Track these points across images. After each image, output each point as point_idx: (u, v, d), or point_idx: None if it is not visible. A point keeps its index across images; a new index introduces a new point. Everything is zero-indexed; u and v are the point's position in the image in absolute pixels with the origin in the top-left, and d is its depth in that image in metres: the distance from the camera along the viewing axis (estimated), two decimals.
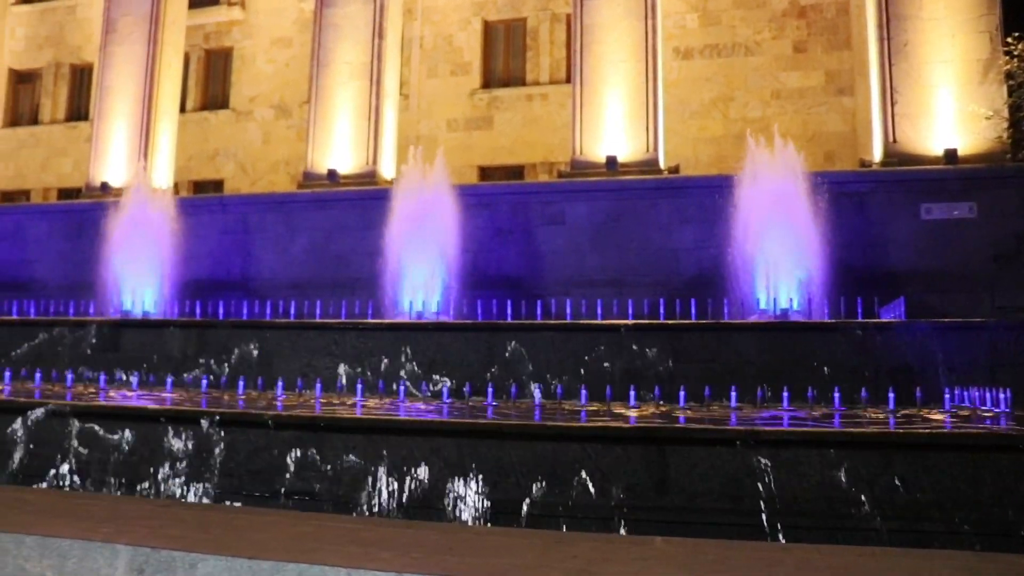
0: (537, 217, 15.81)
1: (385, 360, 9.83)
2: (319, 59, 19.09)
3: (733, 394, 8.15)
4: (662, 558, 4.27)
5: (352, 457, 5.91)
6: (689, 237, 15.02)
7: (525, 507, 5.87)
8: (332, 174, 17.84)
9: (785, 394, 8.17)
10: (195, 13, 25.17)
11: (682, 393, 8.43)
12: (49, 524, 4.16)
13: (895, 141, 15.49)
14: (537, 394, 8.41)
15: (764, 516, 5.59)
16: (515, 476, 6.07)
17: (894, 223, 14.29)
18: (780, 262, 12.02)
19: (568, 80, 21.18)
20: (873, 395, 8.35)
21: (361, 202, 16.45)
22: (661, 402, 8.83)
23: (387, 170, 18.36)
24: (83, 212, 19.06)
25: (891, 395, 7.89)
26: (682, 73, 22.06)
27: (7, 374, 9.99)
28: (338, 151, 18.21)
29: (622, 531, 5.53)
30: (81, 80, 30.00)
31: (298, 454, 5.95)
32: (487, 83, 24.47)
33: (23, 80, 30.86)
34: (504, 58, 24.72)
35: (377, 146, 18.17)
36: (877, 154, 15.90)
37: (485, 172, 23.60)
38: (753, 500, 5.74)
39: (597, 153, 16.73)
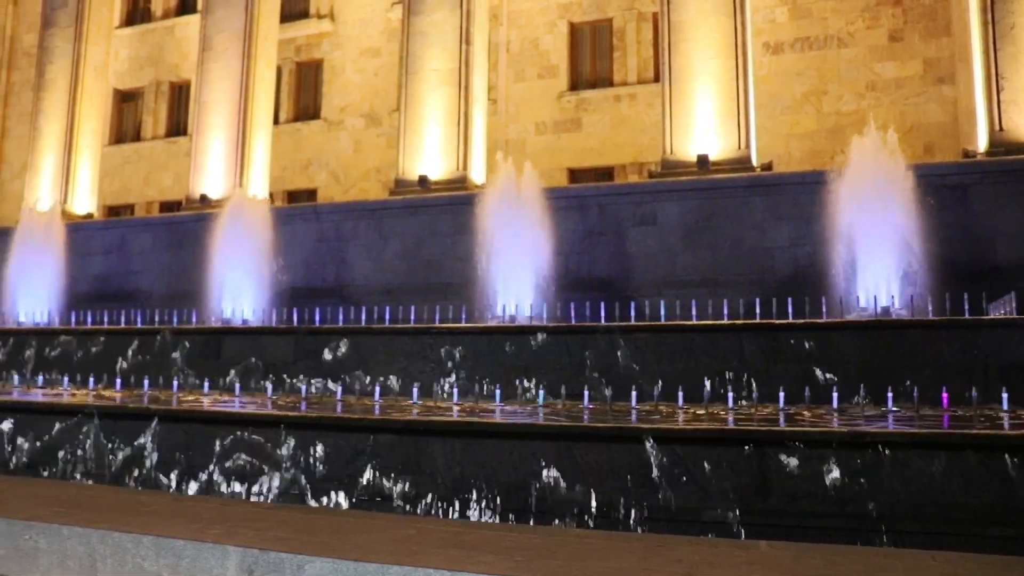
0: (628, 218, 15.68)
1: (480, 364, 9.86)
2: (407, 67, 19.31)
3: (835, 395, 7.94)
4: (767, 563, 4.18)
5: (454, 460, 5.95)
6: (784, 235, 14.72)
7: (624, 509, 5.83)
8: (423, 180, 18.01)
9: (889, 394, 7.92)
10: (286, 27, 25.75)
11: (781, 394, 8.25)
12: (164, 525, 4.28)
13: (1001, 129, 14.91)
14: (633, 396, 8.32)
15: (871, 520, 5.42)
16: (613, 478, 6.03)
17: (1001, 215, 13.72)
18: (880, 258, 11.67)
19: (656, 79, 20.99)
20: (983, 395, 8.02)
21: (452, 207, 16.57)
22: (759, 403, 8.66)
23: (477, 175, 18.46)
24: (183, 224, 19.68)
25: (1004, 395, 7.57)
26: (772, 68, 21.64)
27: (118, 381, 10.36)
28: (428, 157, 18.38)
29: (725, 535, 5.44)
30: (180, 97, 30.96)
31: (404, 456, 6.00)
32: (574, 85, 24.40)
33: (126, 99, 32.01)
34: (591, 59, 24.61)
35: (467, 151, 18.29)
36: (982, 144, 15.31)
37: (574, 174, 23.52)
38: (859, 503, 5.58)
39: (688, 152, 16.53)
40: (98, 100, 25.21)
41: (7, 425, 7.82)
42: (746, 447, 6.02)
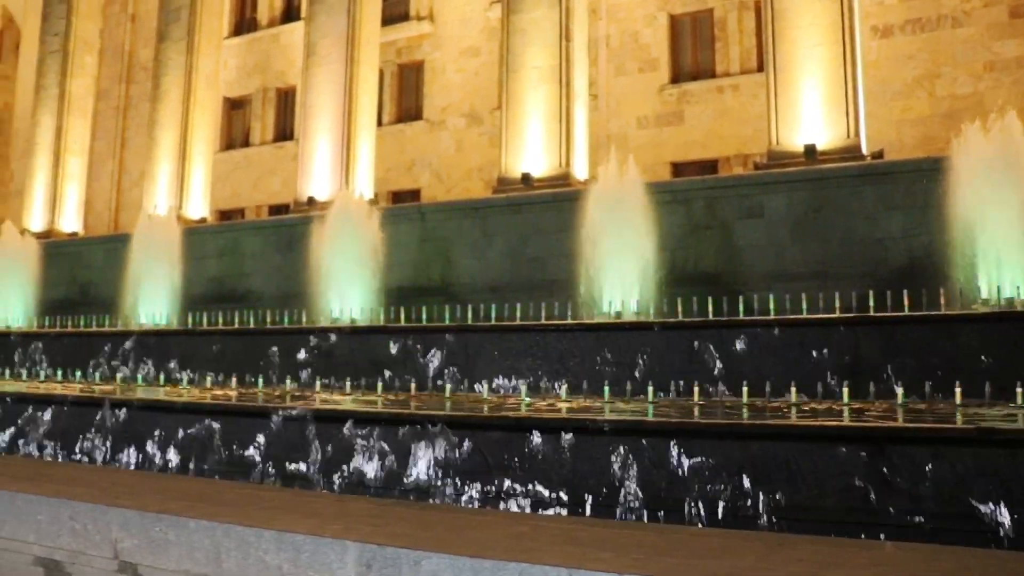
0: (733, 211, 15.40)
1: (586, 360, 9.82)
2: (508, 65, 19.37)
3: (957, 390, 7.62)
4: (895, 564, 4.03)
5: (567, 456, 5.93)
6: (897, 225, 14.23)
7: (745, 507, 5.72)
8: (526, 178, 18.05)
9: (1019, 389, 7.56)
10: (387, 30, 26.14)
11: (899, 389, 7.97)
12: (284, 520, 4.37)
13: None
14: (743, 391, 8.16)
15: (1005, 522, 5.18)
16: (725, 476, 5.92)
17: None
18: (1004, 247, 11.16)
19: (760, 69, 20.57)
20: None
21: (555, 204, 16.55)
22: (876, 399, 8.38)
23: (580, 171, 18.40)
24: (292, 226, 20.15)
25: None
26: (882, 52, 20.95)
27: (233, 380, 10.67)
28: (531, 155, 18.40)
29: (845, 535, 5.28)
30: (286, 102, 31.77)
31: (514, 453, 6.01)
32: (676, 78, 24.11)
33: (235, 107, 33.03)
34: (692, 51, 24.28)
35: (569, 148, 18.24)
36: None
37: (677, 168, 23.24)
38: (990, 504, 5.34)
39: (794, 142, 16.14)
40: (209, 109, 26.04)
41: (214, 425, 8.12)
42: (865, 444, 5.83)
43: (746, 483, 5.80)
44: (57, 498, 4.97)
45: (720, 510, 5.74)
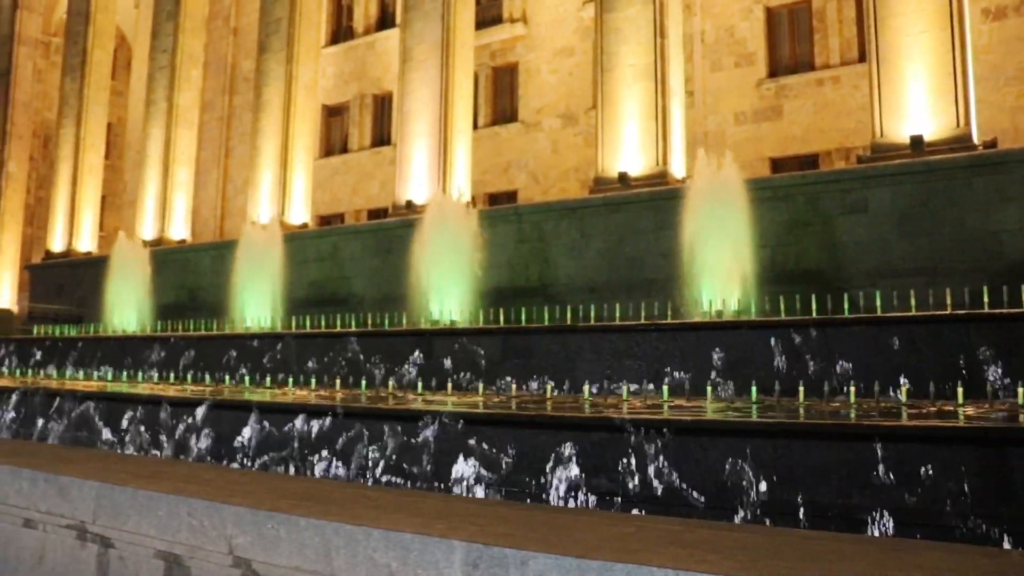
0: (836, 206, 15.02)
1: (687, 360, 9.70)
2: (602, 64, 19.29)
3: None
4: (1020, 573, 3.86)
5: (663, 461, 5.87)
6: (1013, 217, 13.68)
7: (847, 511, 5.57)
8: (623, 177, 17.94)
9: None
10: (480, 33, 26.33)
11: (1020, 389, 7.64)
12: (391, 519, 4.43)
13: None
14: (851, 392, 7.94)
15: None
16: (834, 478, 5.77)
17: None
18: None
19: (861, 59, 20.07)
20: None
21: (653, 203, 16.42)
22: (992, 399, 8.05)
23: (677, 169, 18.20)
24: (391, 230, 20.48)
25: None
26: (994, 36, 20.14)
27: (336, 381, 10.88)
28: (627, 154, 18.28)
29: (965, 541, 5.09)
30: (382, 108, 32.32)
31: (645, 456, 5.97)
32: (773, 72, 23.66)
33: (333, 114, 33.75)
34: (789, 44, 23.79)
35: (666, 146, 18.06)
36: None
37: (776, 164, 22.81)
38: None
39: (900, 134, 15.63)
40: (309, 117, 26.64)
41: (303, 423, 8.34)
42: (985, 446, 5.62)
43: (857, 485, 5.65)
44: (175, 495, 5.14)
45: (830, 513, 5.60)
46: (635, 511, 5.86)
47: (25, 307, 31.10)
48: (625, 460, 6.04)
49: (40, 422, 11.04)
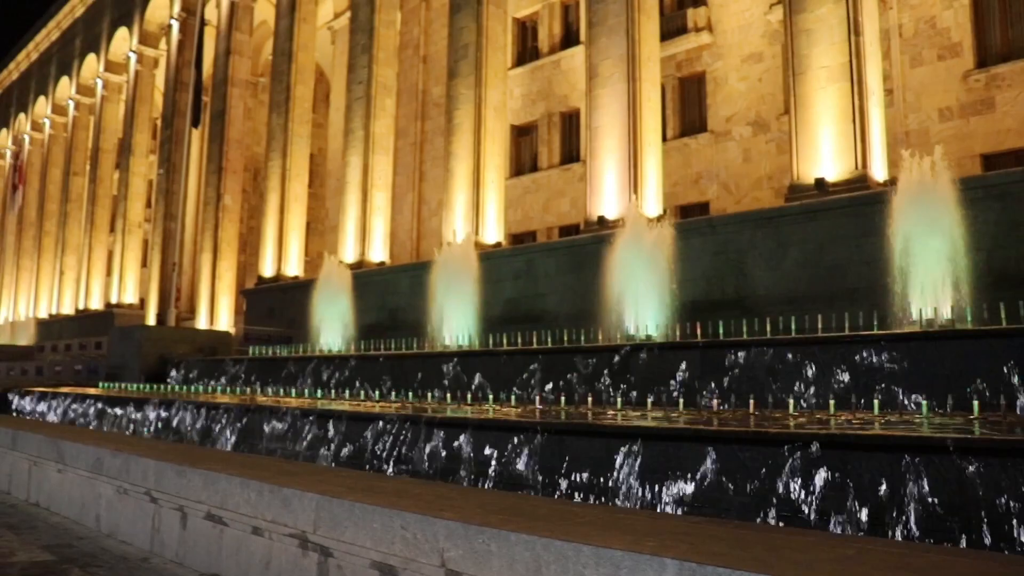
0: None
1: (896, 373, 9.20)
2: (793, 68, 18.71)
3: None
4: None
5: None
6: None
7: None
8: (819, 183, 17.29)
9: None
10: (665, 45, 26.16)
11: None
12: (600, 536, 4.42)
13: None
14: None
15: None
16: None
17: None
18: None
19: None
20: None
21: (853, 208, 15.73)
22: None
23: (878, 172, 17.37)
24: (583, 246, 20.55)
25: None
26: None
27: (536, 398, 10.99)
28: (823, 159, 17.62)
29: None
30: (570, 126, 32.63)
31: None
32: (982, 62, 22.22)
33: (522, 133, 34.35)
34: (1000, 29, 22.27)
35: (865, 148, 17.27)
36: None
37: (989, 161, 21.38)
38: None
39: None
40: (499, 138, 27.20)
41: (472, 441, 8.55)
42: None
43: None
44: (389, 508, 5.33)
45: None
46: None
47: (241, 329, 33.20)
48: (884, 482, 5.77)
49: (258, 436, 11.73)
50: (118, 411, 16.13)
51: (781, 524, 5.85)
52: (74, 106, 58.61)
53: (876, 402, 8.33)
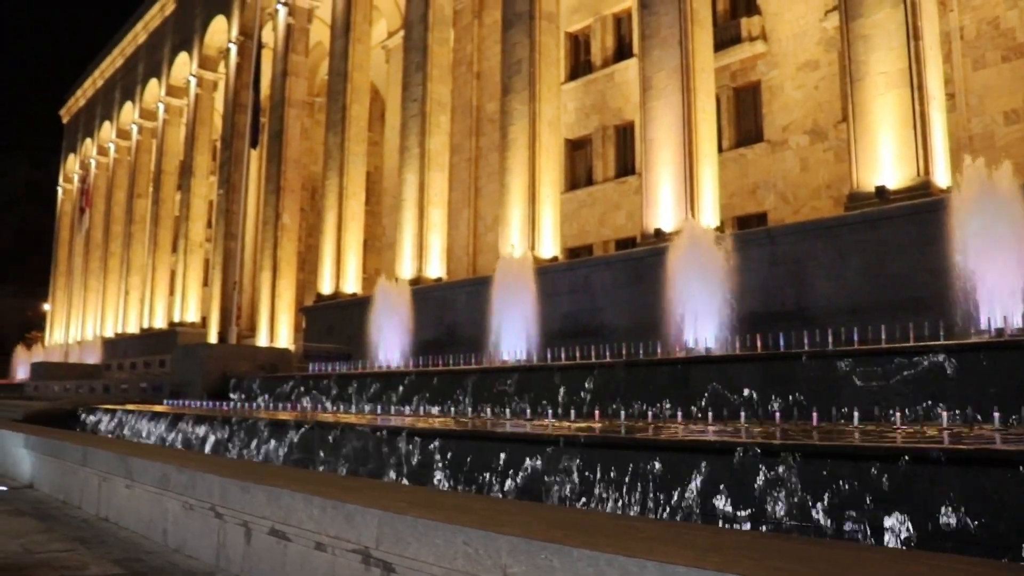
0: None
1: (968, 384, 8.98)
2: (851, 74, 18.44)
3: None
4: None
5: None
6: None
7: None
8: (880, 191, 17.00)
9: None
10: (719, 55, 25.99)
11: None
12: (663, 551, 4.38)
13: None
14: None
15: None
16: None
17: None
18: None
19: None
20: None
21: (915, 216, 15.43)
22: None
23: (941, 178, 17.00)
24: (640, 259, 20.44)
25: None
26: None
27: (595, 412, 10.93)
28: (884, 166, 17.31)
29: None
30: (624, 139, 32.55)
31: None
32: None
33: (576, 147, 34.36)
34: None
35: (927, 154, 16.94)
36: None
37: None
38: None
39: None
40: (553, 152, 27.23)
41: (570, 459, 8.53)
42: None
43: None
44: (451, 524, 5.34)
45: None
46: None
47: (300, 346, 33.62)
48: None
49: (318, 452, 11.84)
50: (182, 427, 16.42)
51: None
52: (137, 130, 60.07)
53: (944, 414, 8.14)
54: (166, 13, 57.80)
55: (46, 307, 78.49)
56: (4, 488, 15.49)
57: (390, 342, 24.11)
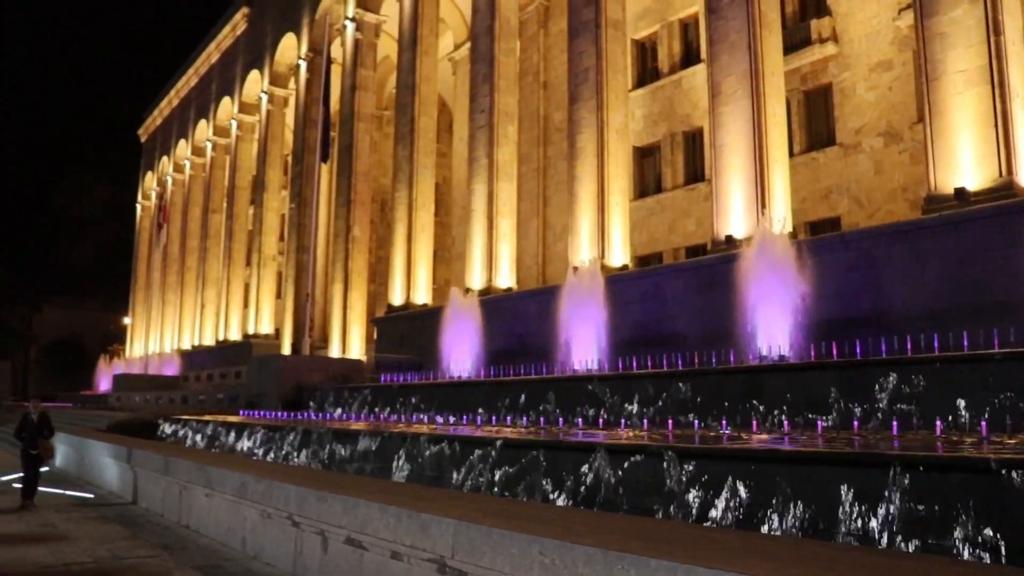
0: None
1: None
2: (927, 74, 17.99)
3: None
4: None
5: None
6: None
7: None
8: (960, 193, 16.53)
9: None
10: (789, 58, 25.59)
11: None
12: (740, 563, 4.31)
13: None
14: None
15: None
16: None
17: None
18: None
19: None
20: None
21: (997, 218, 14.97)
22: None
23: None
24: (711, 267, 20.20)
25: None
26: None
27: (644, 422, 10.82)
28: (963, 167, 16.84)
29: None
30: (693, 145, 32.25)
31: None
32: None
33: (645, 155, 34.16)
34: None
35: (1009, 154, 16.40)
36: None
37: None
38: None
39: None
40: (622, 160, 27.09)
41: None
42: None
43: None
44: (526, 534, 5.33)
45: None
46: None
47: (372, 357, 33.95)
48: None
49: (393, 462, 11.92)
50: (259, 437, 16.69)
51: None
52: (211, 147, 61.47)
53: None
54: (237, 32, 59.09)
55: (127, 321, 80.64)
56: (91, 495, 15.96)
57: (460, 352, 24.21)
